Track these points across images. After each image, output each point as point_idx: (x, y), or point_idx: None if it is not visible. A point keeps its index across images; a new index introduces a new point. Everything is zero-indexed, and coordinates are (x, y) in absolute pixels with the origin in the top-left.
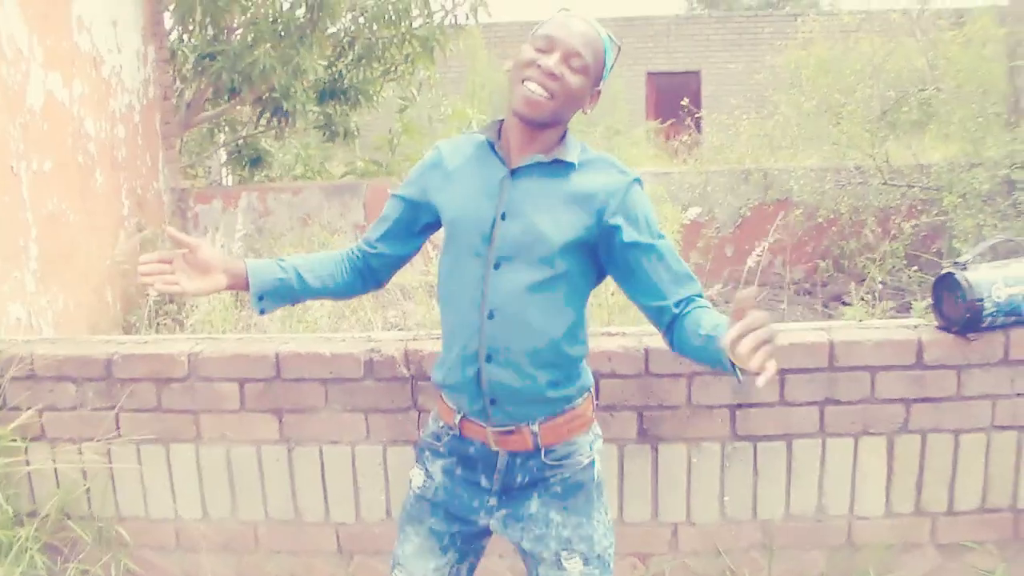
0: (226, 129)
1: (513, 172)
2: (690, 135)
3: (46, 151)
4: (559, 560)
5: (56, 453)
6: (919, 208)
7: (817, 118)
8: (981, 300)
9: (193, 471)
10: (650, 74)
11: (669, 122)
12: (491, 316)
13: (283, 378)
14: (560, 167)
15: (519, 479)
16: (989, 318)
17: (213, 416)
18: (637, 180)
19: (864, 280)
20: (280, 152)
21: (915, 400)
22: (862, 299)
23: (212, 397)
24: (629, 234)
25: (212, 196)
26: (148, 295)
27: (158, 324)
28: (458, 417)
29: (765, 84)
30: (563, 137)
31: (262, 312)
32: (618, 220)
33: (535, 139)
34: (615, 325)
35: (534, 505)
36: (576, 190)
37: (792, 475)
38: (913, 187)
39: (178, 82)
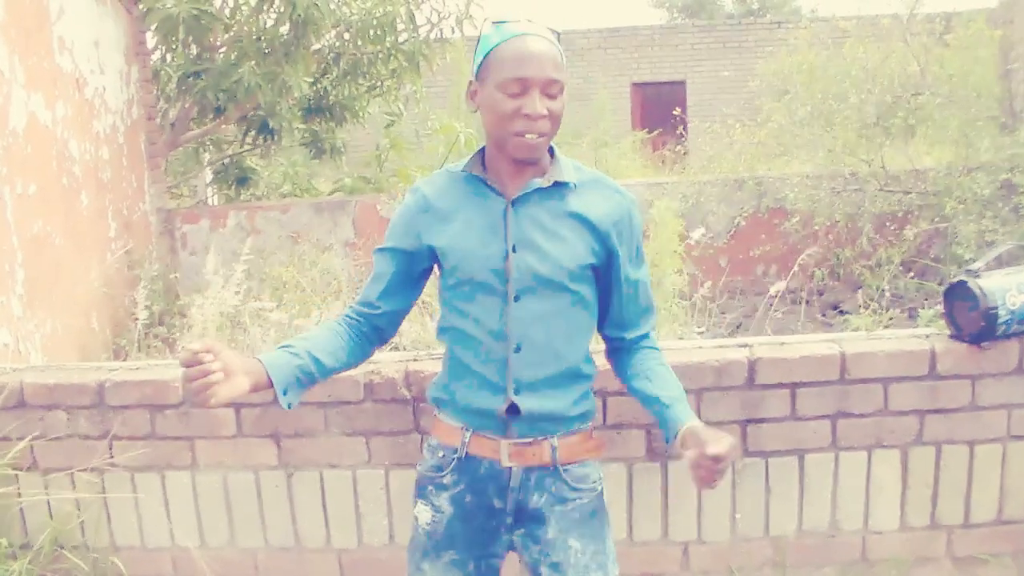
0: (211, 148)
1: (514, 202)
2: (679, 145)
3: (30, 174)
4: None
5: (48, 483)
6: (916, 214)
7: (810, 125)
8: (995, 308)
9: (189, 499)
10: (635, 84)
11: (656, 132)
12: (518, 349)
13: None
14: (558, 189)
15: (534, 499)
16: (1003, 326)
17: (209, 442)
18: (633, 210)
19: (860, 288)
20: (267, 171)
21: (929, 411)
22: (866, 307)
23: (208, 423)
24: (624, 266)
25: (199, 216)
26: (137, 318)
27: (148, 347)
28: (468, 434)
29: (753, 92)
30: (552, 154)
31: (289, 406)
32: (621, 250)
33: (528, 166)
34: None
35: (551, 531)
36: (579, 212)
37: (804, 490)
38: (910, 193)
39: (162, 102)
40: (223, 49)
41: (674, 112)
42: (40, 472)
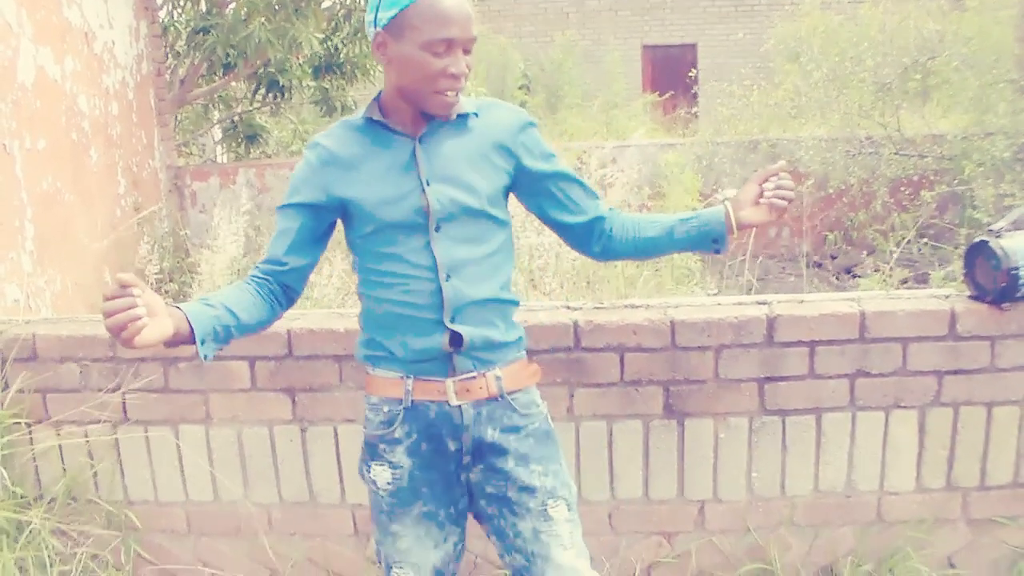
0: (221, 106)
1: (420, 139)
2: (690, 107)
3: (39, 129)
4: (545, 510)
5: (61, 436)
6: (932, 178)
7: (825, 87)
8: (1017, 268)
9: (203, 453)
10: (646, 47)
11: (667, 95)
12: (448, 278)
13: (295, 356)
14: (462, 120)
15: (489, 432)
16: None
17: (223, 396)
18: (532, 122)
19: (874, 252)
20: (276, 129)
21: (948, 372)
22: (877, 270)
23: (222, 376)
24: (541, 167)
25: (209, 173)
26: (148, 275)
27: None
28: (410, 381)
29: (766, 55)
30: None
31: (206, 358)
32: (531, 157)
33: None
34: (635, 297)
35: (512, 460)
36: (483, 136)
37: (821, 450)
38: (926, 157)
39: (171, 58)
40: (232, 5)
41: (689, 74)
42: (53, 425)
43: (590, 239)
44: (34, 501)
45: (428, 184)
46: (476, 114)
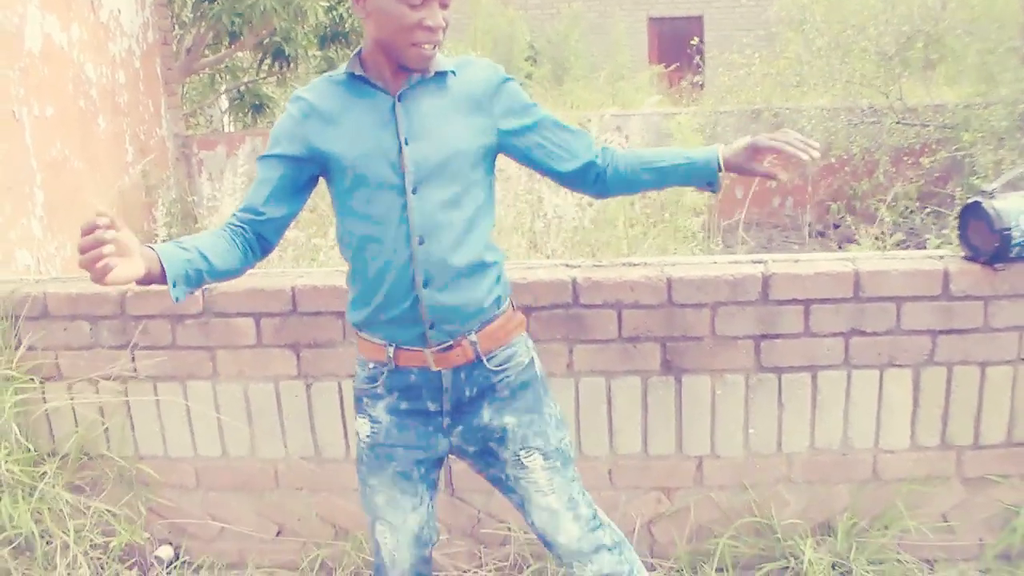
0: (227, 76)
1: (400, 96)
2: (695, 76)
3: (47, 96)
4: (519, 459)
5: (73, 392)
6: (934, 148)
7: (828, 56)
8: (1009, 229)
9: (211, 409)
10: (652, 19)
11: (672, 67)
12: (422, 241)
13: (300, 312)
14: (441, 78)
15: (468, 393)
16: (1017, 248)
17: (229, 352)
18: (508, 78)
19: (877, 221)
20: (283, 98)
21: (941, 331)
22: (877, 239)
23: (228, 333)
24: (523, 121)
25: (216, 142)
26: (156, 240)
27: None
28: (391, 349)
29: (771, 25)
30: None
31: (177, 300)
32: (513, 113)
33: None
34: (636, 256)
35: (486, 415)
36: (462, 95)
37: (817, 407)
38: (928, 126)
39: (177, 28)
40: None
41: (691, 42)
42: (64, 381)
43: (585, 182)
44: (47, 457)
45: (407, 143)
46: (454, 72)
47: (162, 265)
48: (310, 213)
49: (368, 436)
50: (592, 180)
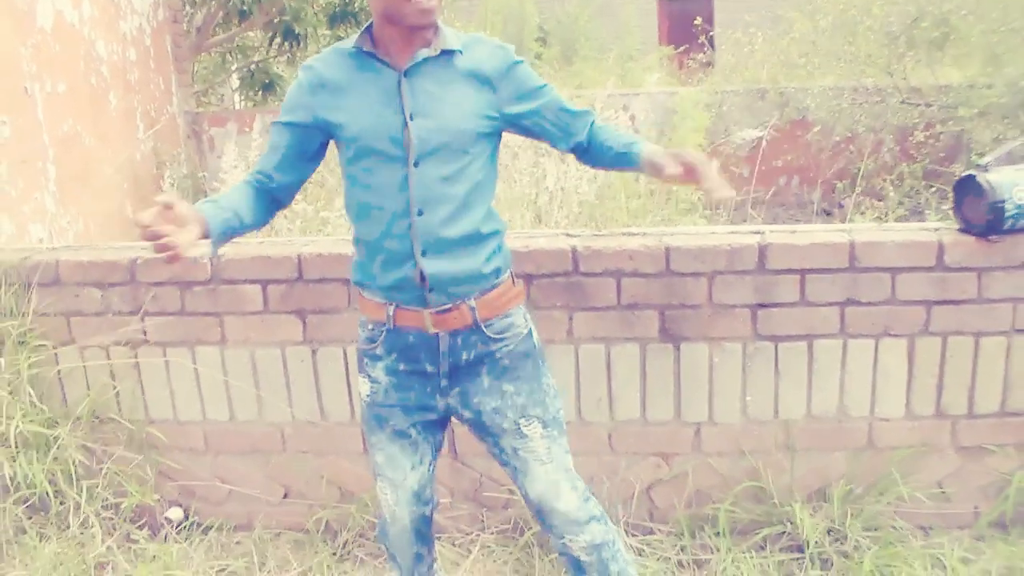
0: (238, 55)
1: (406, 72)
2: (704, 54)
3: (59, 73)
4: (519, 428)
5: (84, 357)
6: (938, 129)
7: (833, 36)
8: (1002, 202)
9: (219, 373)
10: (661, 0)
11: (682, 48)
12: (420, 213)
13: (305, 279)
14: (447, 57)
15: (465, 356)
16: (1011, 220)
17: (237, 318)
18: (517, 61)
19: (882, 200)
20: (292, 78)
21: (936, 302)
22: (879, 218)
23: (236, 299)
24: (533, 104)
25: (226, 119)
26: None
27: None
28: (391, 308)
29: (779, 6)
30: (436, 27)
31: (215, 255)
32: (521, 96)
33: (415, 37)
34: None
35: (485, 381)
36: (470, 70)
37: (813, 376)
38: (931, 105)
39: (187, 6)
40: None
41: (695, 22)
42: (77, 347)
43: (576, 155)
44: (61, 420)
45: (411, 119)
46: (461, 51)
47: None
48: (319, 188)
49: (368, 396)
50: (580, 154)
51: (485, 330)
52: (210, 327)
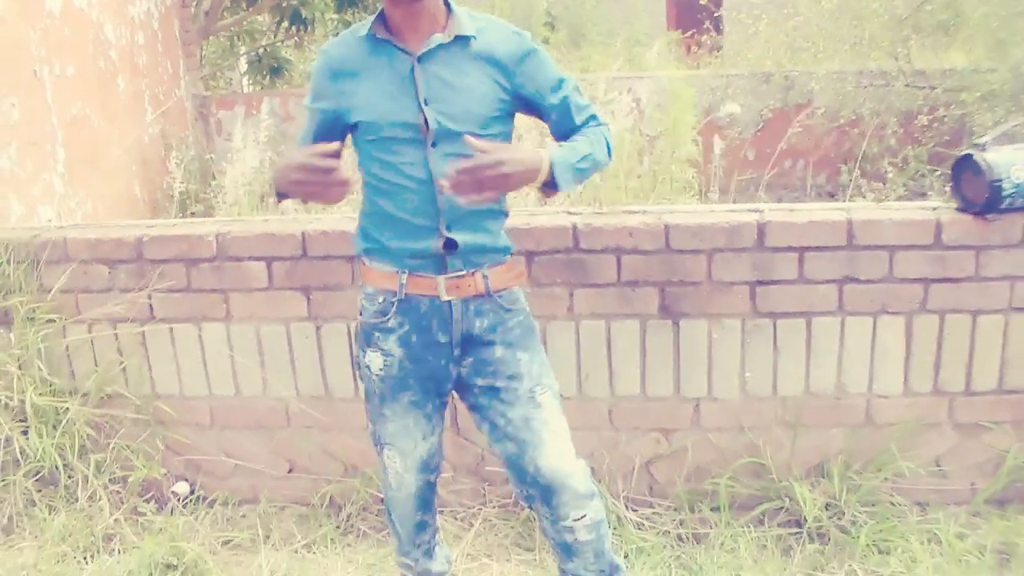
0: (246, 39)
1: (419, 58)
2: (710, 36)
3: (68, 56)
4: (534, 396)
5: (92, 332)
6: (942, 112)
7: (838, 19)
8: (1000, 181)
9: (224, 350)
10: None
11: (690, 33)
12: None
13: (310, 256)
14: (462, 42)
15: (478, 325)
16: (1008, 199)
17: (242, 295)
18: (532, 49)
19: (887, 183)
20: (300, 62)
21: (934, 280)
22: (879, 199)
23: (241, 276)
24: (545, 96)
25: (234, 102)
26: (174, 195)
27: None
28: (404, 276)
29: None
30: (449, 10)
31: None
32: (534, 85)
33: (422, 17)
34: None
35: (498, 350)
36: (483, 54)
37: (812, 353)
38: (935, 88)
39: None
40: None
41: (701, 2)
42: (84, 323)
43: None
44: (69, 395)
45: (426, 104)
46: (475, 37)
47: None
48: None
49: (381, 369)
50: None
51: (497, 300)
52: (216, 303)
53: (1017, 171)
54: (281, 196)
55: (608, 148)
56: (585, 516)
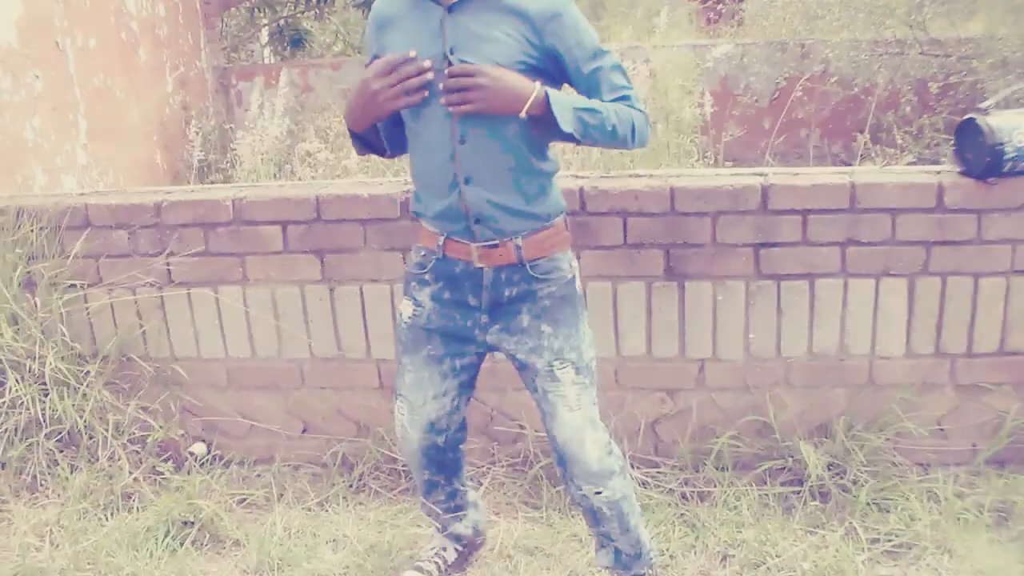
0: (267, 10)
1: (450, 8)
2: (728, 5)
3: (90, 28)
4: (552, 370)
5: (113, 297)
6: (955, 81)
7: None
8: (1002, 144)
9: (240, 312)
10: None
11: (709, 2)
12: (462, 141)
13: (324, 220)
14: None
15: (507, 293)
16: (1010, 163)
17: (258, 258)
18: (560, 12)
19: (903, 152)
20: (320, 33)
21: (936, 243)
22: (887, 164)
23: (256, 240)
24: (576, 62)
25: (254, 73)
26: (193, 168)
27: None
28: (442, 239)
29: None
30: None
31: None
32: (563, 47)
33: None
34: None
35: (525, 320)
36: (512, 12)
37: (815, 314)
38: (950, 56)
39: None
40: None
41: None
42: (105, 287)
43: None
44: (90, 358)
45: (452, 53)
46: None
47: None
48: (343, 138)
49: (410, 317)
50: None
51: (530, 270)
52: (232, 267)
53: (1019, 135)
54: (357, 139)
55: (633, 129)
56: (601, 493)
